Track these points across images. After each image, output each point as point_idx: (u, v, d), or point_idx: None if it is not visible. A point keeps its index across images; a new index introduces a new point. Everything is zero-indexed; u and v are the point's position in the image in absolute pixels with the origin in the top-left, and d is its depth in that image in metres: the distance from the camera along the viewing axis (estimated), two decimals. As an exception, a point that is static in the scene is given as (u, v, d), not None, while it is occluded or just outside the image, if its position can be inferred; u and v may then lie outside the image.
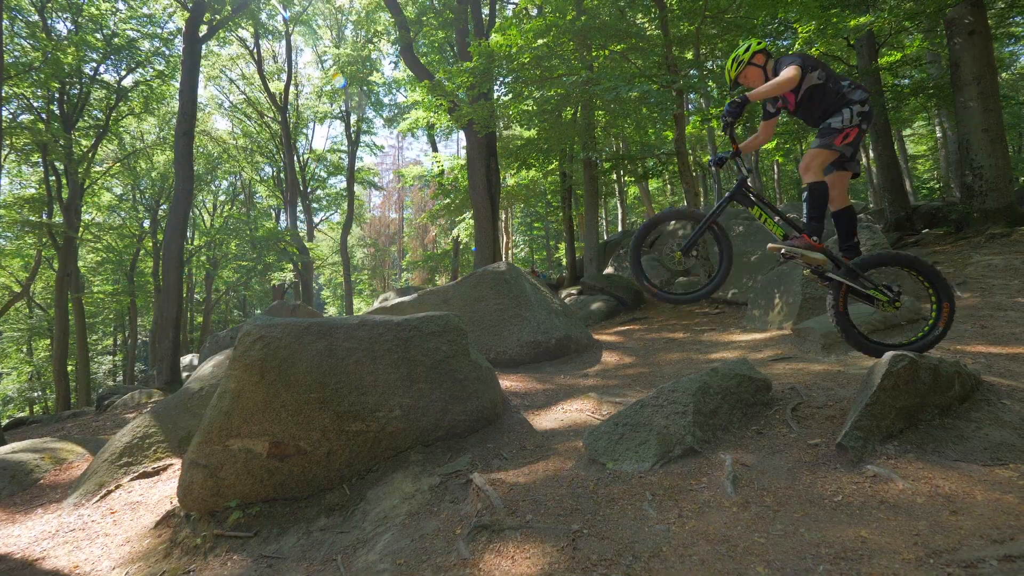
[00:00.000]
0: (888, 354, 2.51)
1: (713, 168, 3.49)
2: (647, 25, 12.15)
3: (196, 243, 26.92)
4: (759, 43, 3.25)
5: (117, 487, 4.31)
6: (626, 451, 2.72)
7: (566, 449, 3.22)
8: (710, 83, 11.52)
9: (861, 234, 6.15)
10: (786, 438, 2.71)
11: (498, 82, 11.23)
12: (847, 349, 4.50)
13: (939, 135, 22.09)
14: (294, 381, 3.15)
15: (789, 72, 2.92)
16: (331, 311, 40.11)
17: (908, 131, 26.03)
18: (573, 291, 12.80)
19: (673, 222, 3.15)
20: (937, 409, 2.54)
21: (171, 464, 4.56)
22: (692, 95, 17.66)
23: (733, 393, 3.02)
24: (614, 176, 20.39)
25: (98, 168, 20.53)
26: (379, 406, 3.27)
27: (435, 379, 3.45)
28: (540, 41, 9.30)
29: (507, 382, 4.92)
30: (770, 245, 3.20)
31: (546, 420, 3.91)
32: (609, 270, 15.67)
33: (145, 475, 4.47)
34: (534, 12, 14.70)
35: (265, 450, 3.12)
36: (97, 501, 4.14)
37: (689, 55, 10.78)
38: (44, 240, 17.94)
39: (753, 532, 1.95)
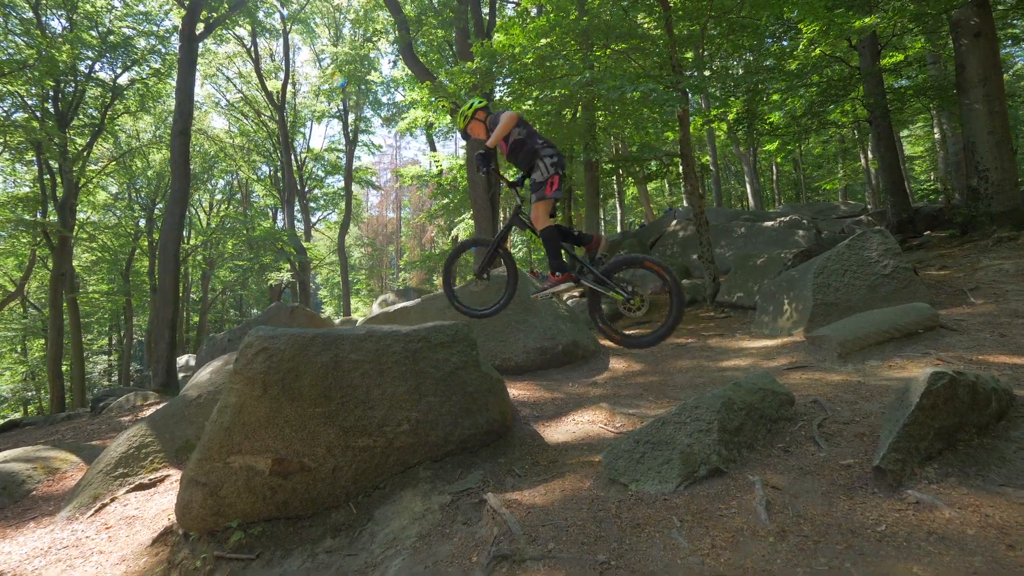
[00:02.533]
0: (927, 371, 2.39)
1: (514, 189, 3.98)
2: (650, 25, 12.03)
3: (192, 242, 26.68)
4: (480, 101, 3.92)
5: (112, 500, 4.16)
6: (648, 471, 2.60)
7: (581, 465, 3.09)
8: (714, 84, 11.42)
9: (873, 239, 6.06)
10: (815, 457, 2.59)
11: (499, 81, 11.09)
12: (864, 358, 4.39)
13: (938, 136, 22.02)
14: (298, 395, 3.02)
15: (507, 115, 3.61)
16: (328, 311, 39.89)
17: (905, 132, 25.97)
18: (575, 293, 12.67)
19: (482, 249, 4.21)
20: (975, 428, 2.42)
21: (168, 475, 4.41)
22: (691, 95, 17.59)
23: (757, 408, 2.90)
24: (613, 177, 20.28)
25: (93, 167, 20.30)
26: (386, 420, 3.14)
27: (444, 392, 3.31)
28: (543, 41, 9.17)
29: (515, 390, 4.79)
30: (532, 295, 4.06)
31: (558, 432, 3.79)
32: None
33: (141, 487, 4.33)
34: (534, 12, 14.56)
35: (268, 467, 2.98)
36: (91, 515, 4.00)
37: (689, 55, 10.66)
38: (39, 239, 17.71)
39: (795, 567, 1.83)
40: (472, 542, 2.44)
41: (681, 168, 11.98)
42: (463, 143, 15.57)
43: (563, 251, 3.64)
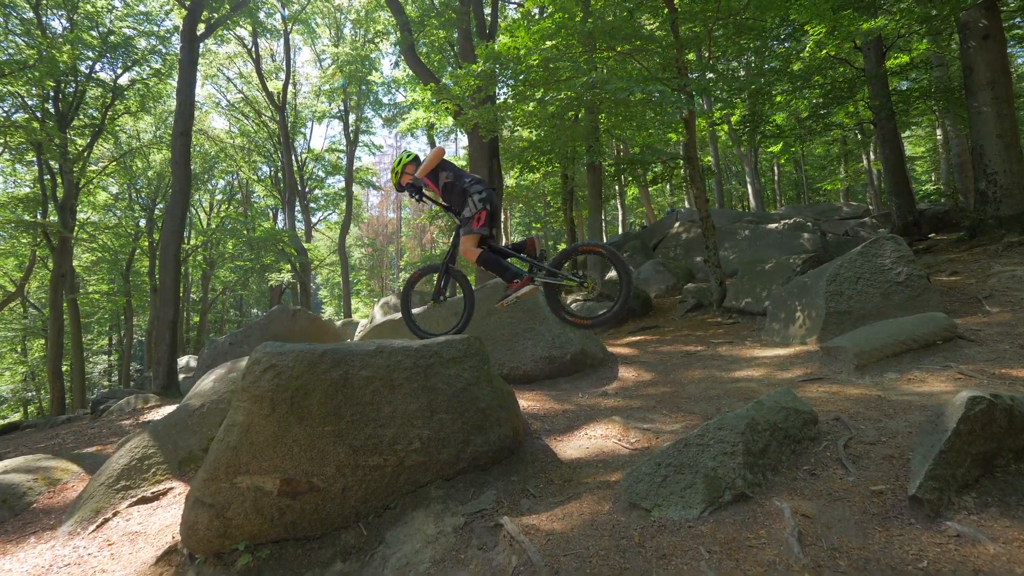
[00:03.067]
0: (963, 395, 2.30)
1: (451, 212, 4.20)
2: (654, 26, 11.93)
3: (193, 242, 26.61)
4: (408, 156, 4.28)
5: (115, 514, 4.07)
6: (670, 495, 2.51)
7: (598, 485, 3.00)
8: (719, 85, 11.33)
9: (886, 245, 5.98)
10: (844, 482, 2.50)
11: (502, 84, 11.00)
12: (882, 370, 4.30)
13: (940, 138, 21.91)
14: (307, 413, 2.93)
15: (434, 150, 4.00)
16: (329, 311, 39.81)
17: (907, 133, 25.89)
18: (578, 297, 12.58)
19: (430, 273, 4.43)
20: (1012, 453, 2.33)
21: (171, 488, 4.32)
22: (696, 96, 17.45)
23: (781, 428, 2.81)
24: (616, 179, 20.17)
25: (93, 167, 20.22)
26: (397, 439, 3.05)
27: (456, 409, 3.23)
28: (548, 43, 9.08)
29: (524, 401, 4.71)
30: (496, 304, 4.22)
31: (570, 448, 3.70)
32: (612, 274, 15.47)
33: (144, 500, 4.23)
34: (536, 12, 14.46)
35: (276, 487, 2.89)
36: (93, 530, 3.90)
37: (691, 56, 10.58)
38: (39, 240, 17.63)
39: (835, 607, 1.74)
40: (489, 570, 2.35)
41: (685, 171, 11.89)
42: (465, 144, 15.49)
43: (508, 261, 3.88)
